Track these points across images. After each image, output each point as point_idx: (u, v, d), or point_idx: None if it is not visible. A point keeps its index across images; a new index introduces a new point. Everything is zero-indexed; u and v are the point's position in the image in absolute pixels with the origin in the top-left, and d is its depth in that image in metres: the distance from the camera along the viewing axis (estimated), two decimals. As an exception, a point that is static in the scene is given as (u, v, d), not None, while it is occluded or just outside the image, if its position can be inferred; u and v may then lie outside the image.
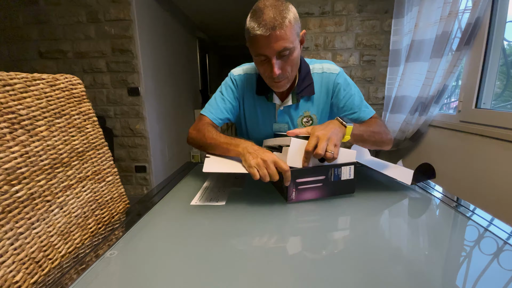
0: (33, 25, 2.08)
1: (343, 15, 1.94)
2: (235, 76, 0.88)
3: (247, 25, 0.68)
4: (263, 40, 0.65)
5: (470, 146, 1.26)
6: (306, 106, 0.85)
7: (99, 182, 0.62)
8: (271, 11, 0.64)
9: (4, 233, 0.39)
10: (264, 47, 0.66)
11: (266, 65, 0.71)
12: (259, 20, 0.64)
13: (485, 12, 1.20)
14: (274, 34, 0.64)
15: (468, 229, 0.51)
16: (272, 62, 0.68)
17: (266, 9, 0.64)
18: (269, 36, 0.64)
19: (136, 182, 2.37)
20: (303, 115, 0.86)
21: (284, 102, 0.84)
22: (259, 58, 0.71)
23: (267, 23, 0.63)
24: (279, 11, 0.64)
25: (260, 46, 0.67)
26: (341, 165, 0.62)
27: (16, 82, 0.46)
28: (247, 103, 0.89)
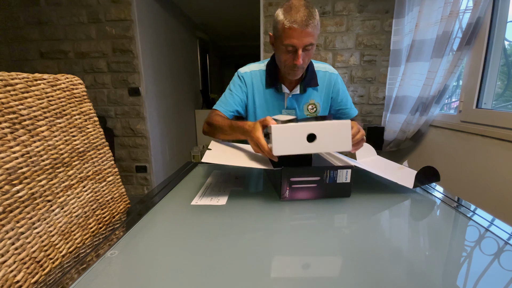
0: (34, 25, 2.09)
1: (344, 15, 1.94)
2: (242, 73, 1.01)
3: (281, 17, 0.80)
4: (296, 33, 0.78)
5: (471, 146, 1.26)
6: (312, 96, 0.99)
7: (100, 182, 0.63)
8: (306, 11, 0.78)
9: (5, 232, 0.39)
10: (296, 39, 0.79)
11: (291, 54, 0.83)
12: (296, 16, 0.77)
13: (486, 12, 1.19)
14: (306, 30, 0.78)
15: (468, 229, 0.51)
16: (299, 52, 0.81)
17: (301, 8, 0.78)
18: (302, 31, 0.78)
19: (136, 182, 2.38)
20: (309, 102, 0.99)
21: (292, 91, 0.97)
22: (286, 48, 0.82)
23: (303, 20, 0.77)
24: (311, 13, 0.78)
25: (293, 37, 0.79)
26: (338, 167, 0.61)
27: (17, 82, 0.47)
28: (257, 97, 1.00)
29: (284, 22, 0.79)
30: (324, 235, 0.49)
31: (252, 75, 0.99)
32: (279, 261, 0.41)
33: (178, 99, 3.09)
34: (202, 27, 4.22)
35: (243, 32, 4.62)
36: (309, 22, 0.77)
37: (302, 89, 0.96)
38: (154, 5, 2.39)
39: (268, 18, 2.01)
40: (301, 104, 0.99)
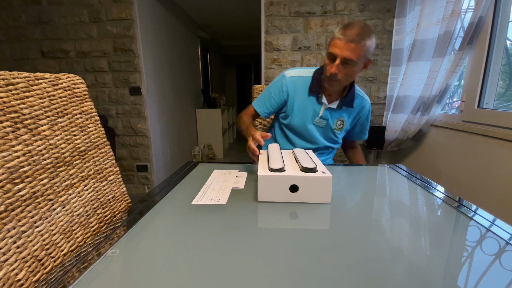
0: (36, 24, 2.09)
1: (345, 14, 1.94)
2: (287, 78, 1.06)
3: (336, 30, 0.89)
4: (340, 44, 0.86)
5: (472, 146, 1.25)
6: (344, 113, 1.07)
7: (101, 181, 0.63)
8: (357, 30, 0.84)
9: (7, 231, 0.39)
10: (337, 49, 0.87)
11: (331, 63, 0.90)
12: (346, 31, 0.85)
13: (488, 12, 1.19)
14: (350, 45, 0.84)
15: (470, 229, 0.51)
16: (336, 62, 0.88)
17: (355, 26, 0.85)
18: (346, 44, 0.85)
19: (137, 181, 2.38)
20: (339, 118, 1.06)
21: (330, 104, 1.04)
22: (329, 56, 0.91)
23: (349, 35, 0.84)
24: (362, 33, 0.84)
25: (335, 47, 0.87)
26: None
27: (19, 81, 0.47)
28: (297, 101, 1.06)
29: (335, 33, 0.88)
30: (325, 234, 0.49)
31: (296, 82, 1.06)
32: (281, 260, 0.41)
33: (179, 99, 3.09)
34: (203, 27, 4.22)
35: (244, 31, 4.61)
36: (356, 39, 0.84)
37: (339, 105, 1.04)
38: (155, 4, 2.39)
39: (269, 17, 2.01)
40: (334, 118, 1.06)
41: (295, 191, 0.62)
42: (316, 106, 1.04)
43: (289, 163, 0.70)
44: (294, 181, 0.61)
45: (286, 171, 0.63)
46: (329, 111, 1.04)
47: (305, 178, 0.61)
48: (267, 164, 0.68)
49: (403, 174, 0.83)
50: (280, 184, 0.61)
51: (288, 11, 1.98)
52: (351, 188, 0.70)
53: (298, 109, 1.06)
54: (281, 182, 0.61)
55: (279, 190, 0.62)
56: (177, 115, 2.99)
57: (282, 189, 0.61)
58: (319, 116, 1.05)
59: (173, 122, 2.87)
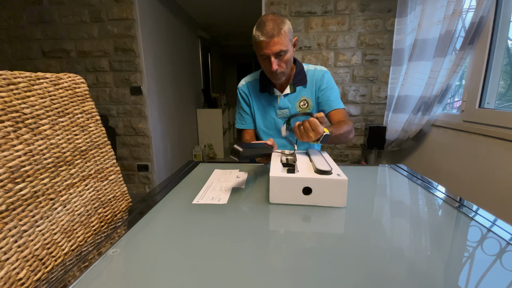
0: (37, 24, 2.10)
1: (346, 14, 1.94)
2: (241, 88, 1.12)
3: (254, 34, 0.91)
4: (265, 44, 0.88)
5: (473, 146, 1.25)
6: (302, 93, 1.06)
7: (101, 181, 0.63)
8: (271, 23, 0.87)
9: (8, 230, 0.40)
10: (265, 49, 0.89)
11: (267, 62, 0.93)
12: (262, 30, 0.87)
13: (489, 11, 1.19)
14: (273, 40, 0.87)
15: (470, 229, 0.51)
16: (272, 60, 0.90)
17: (267, 21, 0.88)
18: (270, 41, 0.87)
19: (138, 180, 2.38)
20: (300, 99, 1.06)
21: (283, 92, 1.05)
22: (262, 57, 0.93)
23: (268, 32, 0.87)
24: (277, 24, 0.87)
25: (263, 48, 0.89)
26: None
27: (20, 81, 0.47)
28: (255, 102, 1.11)
29: (255, 36, 0.90)
30: (326, 234, 0.49)
31: (248, 86, 1.11)
32: (281, 259, 0.41)
33: (180, 98, 3.09)
34: (204, 26, 4.22)
35: (245, 31, 4.61)
36: (275, 32, 0.86)
37: (292, 89, 1.05)
38: (156, 4, 2.39)
39: (270, 17, 2.01)
40: (293, 103, 1.06)
41: (308, 193, 0.59)
42: (272, 100, 1.07)
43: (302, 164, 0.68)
44: (307, 183, 0.58)
45: (300, 172, 0.61)
46: (287, 99, 1.05)
47: (319, 180, 0.58)
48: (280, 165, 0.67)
49: (404, 174, 0.83)
50: (293, 186, 0.59)
51: (289, 11, 1.98)
52: (351, 188, 0.70)
53: (258, 109, 1.10)
54: (294, 184, 0.59)
55: (292, 192, 0.59)
56: (177, 114, 2.99)
57: (295, 191, 0.59)
58: (279, 108, 1.07)
59: (174, 122, 2.87)
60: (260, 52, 0.91)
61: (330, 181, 0.58)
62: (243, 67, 6.70)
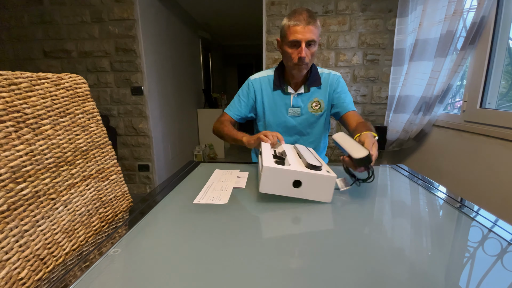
0: (38, 24, 2.10)
1: (347, 14, 1.94)
2: (252, 80, 1.11)
3: (287, 21, 0.92)
4: (300, 30, 0.89)
5: (474, 146, 1.25)
6: (315, 94, 1.07)
7: (102, 181, 0.63)
8: (307, 13, 0.91)
9: (9, 230, 0.40)
10: (300, 34, 0.90)
11: (296, 50, 0.93)
12: (299, 17, 0.89)
13: (490, 11, 1.18)
14: (308, 27, 0.89)
15: (471, 230, 0.51)
16: (302, 46, 0.91)
17: (303, 11, 0.91)
18: (305, 28, 0.89)
19: (139, 180, 2.39)
20: (313, 100, 1.07)
21: (297, 91, 1.06)
22: (291, 44, 0.93)
23: (305, 19, 0.89)
24: (312, 15, 0.91)
25: (297, 33, 0.90)
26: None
27: (22, 81, 0.47)
28: (266, 99, 1.09)
29: (289, 23, 0.91)
30: (327, 234, 0.49)
31: (261, 81, 1.10)
32: (281, 259, 0.41)
33: (181, 99, 3.10)
34: (205, 27, 4.22)
35: (246, 31, 4.61)
36: (311, 21, 0.89)
37: (306, 89, 1.05)
38: (156, 4, 2.39)
39: (271, 17, 2.01)
40: (306, 102, 1.06)
41: (298, 186, 0.61)
42: (285, 98, 1.07)
43: (293, 158, 0.70)
44: (299, 176, 0.61)
45: (291, 165, 0.63)
46: (300, 98, 1.06)
47: (310, 175, 0.61)
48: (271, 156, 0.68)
49: (405, 174, 0.83)
50: (285, 178, 0.61)
51: (289, 11, 1.98)
52: (352, 188, 0.70)
53: (269, 106, 1.09)
54: (286, 176, 0.61)
55: (283, 184, 0.61)
56: (178, 115, 2.99)
57: (285, 183, 0.61)
58: (291, 106, 1.07)
59: (175, 122, 2.87)
60: (292, 37, 0.91)
61: (320, 177, 0.61)
62: (243, 67, 6.70)
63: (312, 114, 1.07)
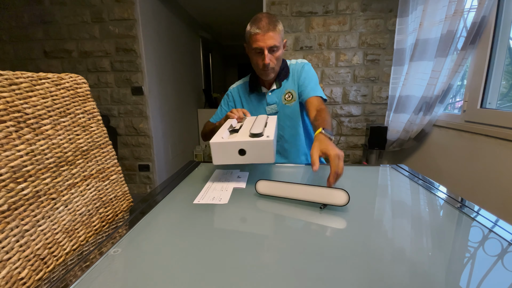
0: (38, 24, 2.10)
1: (347, 14, 1.93)
2: (231, 90, 1.19)
3: (249, 29, 0.96)
4: (260, 37, 0.93)
5: (475, 146, 1.25)
6: (286, 86, 1.10)
7: (103, 181, 0.63)
8: (267, 19, 0.94)
9: (10, 230, 0.40)
10: (261, 42, 0.94)
11: (260, 56, 0.98)
12: (258, 24, 0.93)
13: (491, 11, 1.18)
14: (268, 34, 0.93)
15: (472, 230, 0.51)
16: (265, 53, 0.95)
17: (263, 18, 0.94)
18: (265, 35, 0.93)
19: (139, 180, 2.39)
20: (285, 92, 1.10)
21: (270, 88, 1.11)
22: (255, 51, 0.97)
23: (264, 26, 0.93)
24: (272, 21, 0.94)
25: (258, 41, 0.94)
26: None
27: (22, 81, 0.47)
28: (246, 103, 1.15)
29: (250, 30, 0.95)
30: (326, 234, 0.49)
31: (238, 89, 1.17)
32: (282, 259, 0.41)
33: (181, 98, 3.10)
34: (205, 27, 4.22)
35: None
36: (270, 27, 0.92)
37: (278, 84, 1.09)
38: (157, 4, 2.40)
39: (271, 17, 2.01)
40: (280, 97, 1.11)
41: (243, 154, 0.69)
42: (261, 98, 1.12)
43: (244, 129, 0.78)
44: (241, 146, 0.68)
45: (237, 137, 0.71)
46: (274, 95, 1.10)
47: (250, 142, 0.68)
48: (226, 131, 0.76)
49: (405, 174, 0.83)
50: (230, 149, 0.69)
51: (290, 11, 1.98)
52: (353, 189, 0.70)
53: (249, 109, 1.13)
54: (231, 147, 0.69)
55: (230, 155, 0.69)
56: (178, 114, 2.99)
57: (232, 153, 0.69)
58: (267, 104, 1.11)
59: (175, 122, 2.87)
60: (254, 45, 0.95)
61: (257, 142, 0.68)
62: (244, 67, 6.70)
63: (286, 106, 1.10)
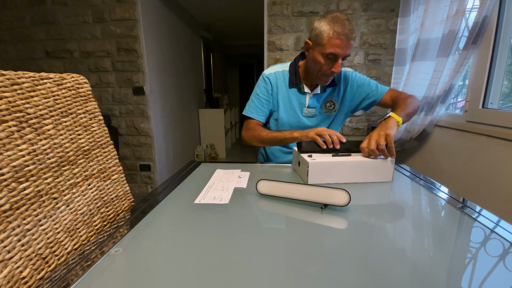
0: (40, 25, 2.11)
1: (348, 13, 1.93)
2: (267, 75, 1.07)
3: (326, 28, 0.87)
4: (341, 44, 0.86)
5: (476, 147, 1.24)
6: (330, 94, 1.07)
7: (104, 180, 0.63)
8: (349, 25, 0.86)
9: (12, 229, 0.40)
10: (340, 49, 0.86)
11: (331, 62, 0.90)
12: (343, 28, 0.85)
13: (492, 11, 1.18)
14: (349, 43, 0.87)
15: (473, 230, 0.51)
16: (339, 61, 0.89)
17: (346, 22, 0.86)
18: (348, 43, 0.86)
19: (140, 180, 2.39)
20: (327, 100, 1.07)
21: (314, 91, 1.05)
22: (327, 55, 0.89)
23: (348, 33, 0.85)
24: (353, 28, 0.87)
25: (337, 47, 0.86)
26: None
27: (24, 81, 0.47)
28: (281, 95, 1.07)
29: (330, 32, 0.86)
30: (328, 234, 0.49)
31: (276, 76, 1.06)
32: (282, 259, 0.41)
33: (182, 98, 3.10)
34: (206, 27, 4.23)
35: (247, 31, 4.61)
36: (353, 35, 0.86)
37: (322, 89, 1.04)
38: (158, 4, 2.40)
39: (272, 17, 2.01)
40: (320, 103, 1.07)
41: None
42: (300, 97, 1.05)
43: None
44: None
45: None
46: (315, 98, 1.05)
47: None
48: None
49: (407, 174, 0.83)
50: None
51: (291, 10, 1.97)
52: (354, 188, 0.70)
53: (283, 103, 1.06)
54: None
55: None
56: (180, 115, 3.00)
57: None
58: (306, 106, 1.06)
59: (176, 122, 2.88)
60: (330, 50, 0.87)
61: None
62: (245, 67, 6.70)
63: (326, 114, 1.07)
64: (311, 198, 0.60)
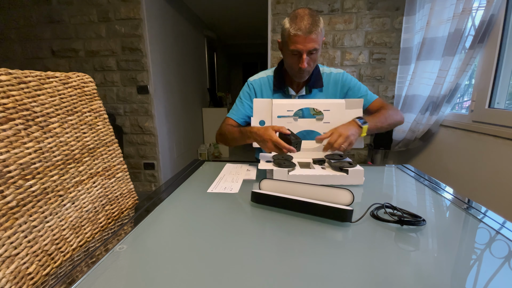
0: (46, 24, 2.13)
1: (353, 12, 1.92)
2: (251, 82, 1.08)
3: (287, 26, 0.87)
4: (300, 40, 0.85)
5: (482, 147, 1.23)
6: (317, 96, 1.03)
7: (109, 178, 0.64)
8: (309, 19, 0.84)
9: (18, 226, 0.40)
10: (300, 45, 0.86)
11: (297, 59, 0.90)
12: (300, 24, 0.84)
13: (499, 10, 1.16)
14: (310, 37, 0.85)
15: (479, 231, 0.50)
16: (303, 57, 0.87)
17: (305, 16, 0.85)
18: (306, 37, 0.84)
19: (144, 178, 2.41)
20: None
21: (299, 93, 1.03)
22: (291, 53, 0.89)
23: (305, 27, 0.84)
24: (314, 21, 0.85)
25: (297, 43, 0.86)
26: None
27: (31, 80, 0.48)
28: None
29: (289, 29, 0.86)
30: (332, 234, 0.49)
31: (261, 82, 1.06)
32: (282, 259, 0.41)
33: (186, 97, 3.11)
34: (210, 26, 4.23)
35: (251, 30, 4.61)
36: (313, 29, 0.84)
37: (308, 90, 1.02)
38: (162, 4, 2.41)
39: (276, 16, 2.00)
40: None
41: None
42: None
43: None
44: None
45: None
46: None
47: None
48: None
49: (411, 174, 0.82)
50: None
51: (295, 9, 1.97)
52: (357, 188, 0.70)
53: None
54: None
55: None
56: (183, 113, 3.01)
57: None
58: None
59: (180, 121, 2.89)
60: (292, 47, 0.87)
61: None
62: (248, 66, 6.70)
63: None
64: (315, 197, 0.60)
